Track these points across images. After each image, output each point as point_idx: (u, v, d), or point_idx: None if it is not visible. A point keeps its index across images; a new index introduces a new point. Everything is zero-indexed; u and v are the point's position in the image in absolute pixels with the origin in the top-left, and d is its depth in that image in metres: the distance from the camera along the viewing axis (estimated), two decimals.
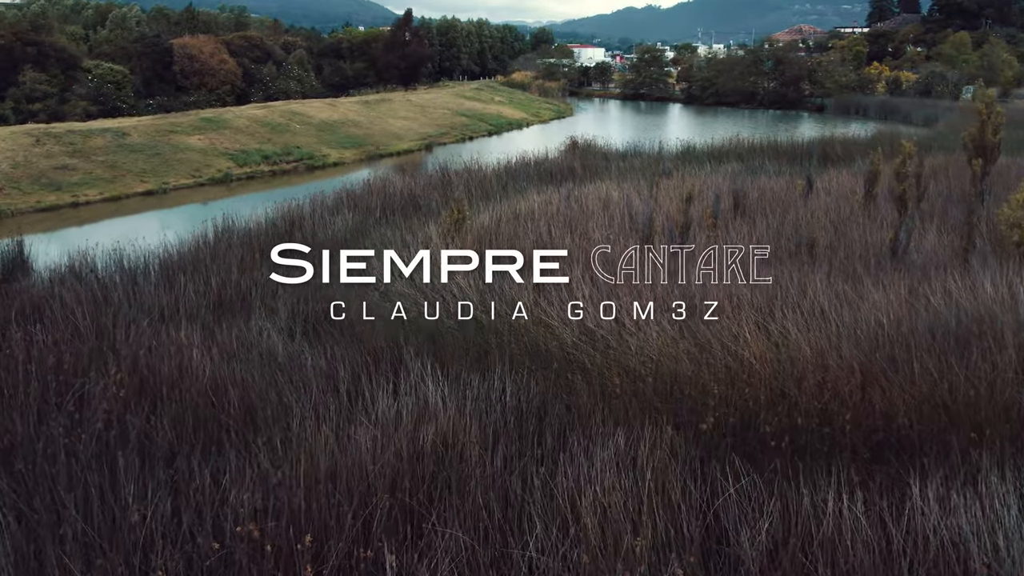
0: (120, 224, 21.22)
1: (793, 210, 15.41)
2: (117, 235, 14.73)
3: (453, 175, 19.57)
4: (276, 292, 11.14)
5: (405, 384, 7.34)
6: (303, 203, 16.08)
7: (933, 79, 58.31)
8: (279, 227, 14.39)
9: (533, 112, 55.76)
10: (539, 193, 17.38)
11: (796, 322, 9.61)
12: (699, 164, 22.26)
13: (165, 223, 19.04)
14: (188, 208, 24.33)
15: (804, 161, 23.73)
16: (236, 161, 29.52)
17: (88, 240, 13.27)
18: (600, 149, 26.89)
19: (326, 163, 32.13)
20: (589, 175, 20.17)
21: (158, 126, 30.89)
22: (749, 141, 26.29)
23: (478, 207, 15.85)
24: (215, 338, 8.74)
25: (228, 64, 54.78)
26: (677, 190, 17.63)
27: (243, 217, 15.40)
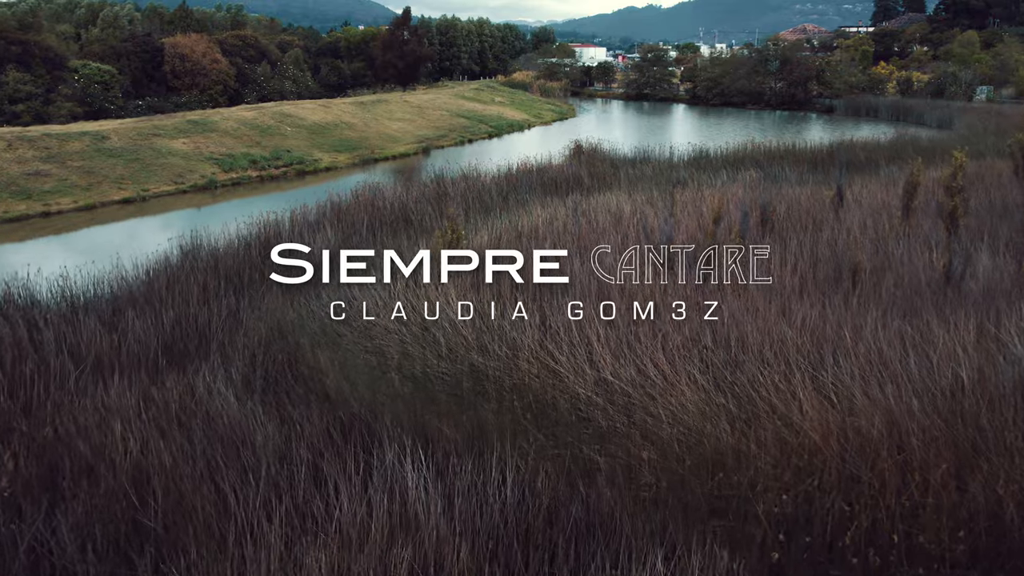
0: (89, 236, 19.70)
1: (827, 227, 13.83)
2: (83, 248, 13.24)
3: (449, 184, 18.01)
4: (238, 328, 9.59)
5: (378, 472, 5.78)
6: (282, 217, 14.52)
7: (945, 79, 56.70)
8: (252, 246, 12.83)
9: (535, 113, 54.19)
10: (543, 206, 15.82)
11: (853, 373, 8.02)
12: (714, 172, 20.70)
13: (136, 236, 17.50)
14: (166, 218, 22.80)
15: (828, 168, 22.19)
16: (222, 166, 27.96)
17: (49, 255, 11.75)
18: (607, 154, 25.32)
19: (317, 168, 30.56)
20: (597, 184, 18.62)
21: (140, 129, 29.34)
22: (766, 146, 24.72)
23: (476, 222, 14.30)
24: (153, 398, 7.19)
25: (220, 64, 53.21)
26: (694, 202, 16.08)
27: (213, 234, 13.84)
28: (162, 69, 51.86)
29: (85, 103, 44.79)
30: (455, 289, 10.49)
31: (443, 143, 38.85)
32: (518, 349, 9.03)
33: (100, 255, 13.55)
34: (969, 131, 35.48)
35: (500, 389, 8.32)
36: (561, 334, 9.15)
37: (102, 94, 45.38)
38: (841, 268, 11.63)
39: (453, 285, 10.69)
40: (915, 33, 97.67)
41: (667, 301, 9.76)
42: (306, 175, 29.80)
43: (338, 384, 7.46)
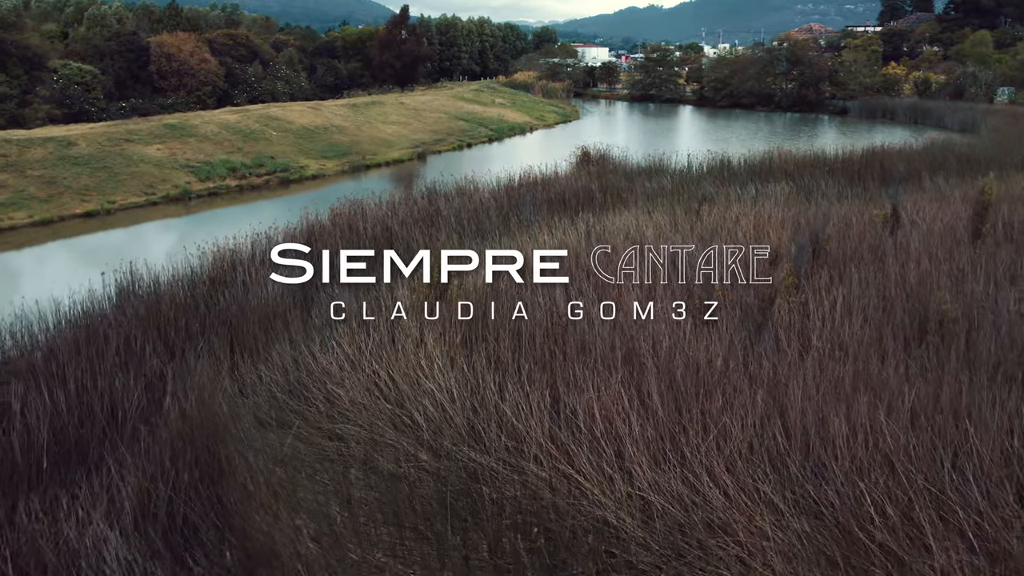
0: (19, 261, 17.49)
1: (891, 258, 11.58)
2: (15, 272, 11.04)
3: (442, 201, 15.76)
4: (158, 411, 7.37)
5: None
6: (242, 245, 12.28)
7: (965, 80, 54.40)
8: (198, 285, 10.60)
9: (537, 116, 51.93)
10: (550, 229, 13.58)
11: (986, 489, 5.83)
12: (740, 184, 18.45)
13: (79, 260, 15.28)
14: (125, 235, 20.60)
15: (865, 180, 19.95)
16: (198, 175, 25.73)
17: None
18: (618, 163, 23.08)
19: (303, 176, 28.31)
20: (611, 200, 16.37)
21: (111, 134, 27.11)
22: (794, 154, 22.46)
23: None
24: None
25: (209, 64, 50.99)
26: (726, 224, 13.84)
27: (158, 265, 11.61)
28: (148, 69, 49.65)
29: (64, 105, 42.58)
30: (441, 347, 8.26)
31: (440, 148, 36.59)
32: (522, 440, 6.82)
33: (20, 289, 11.33)
34: (1000, 136, 33.20)
35: (499, 507, 6.10)
36: (579, 419, 6.94)
37: (82, 95, 43.15)
38: (918, 314, 9.37)
39: (440, 341, 8.47)
40: (924, 33, 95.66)
41: (716, 370, 7.56)
42: (290, 184, 27.56)
43: (269, 520, 5.23)
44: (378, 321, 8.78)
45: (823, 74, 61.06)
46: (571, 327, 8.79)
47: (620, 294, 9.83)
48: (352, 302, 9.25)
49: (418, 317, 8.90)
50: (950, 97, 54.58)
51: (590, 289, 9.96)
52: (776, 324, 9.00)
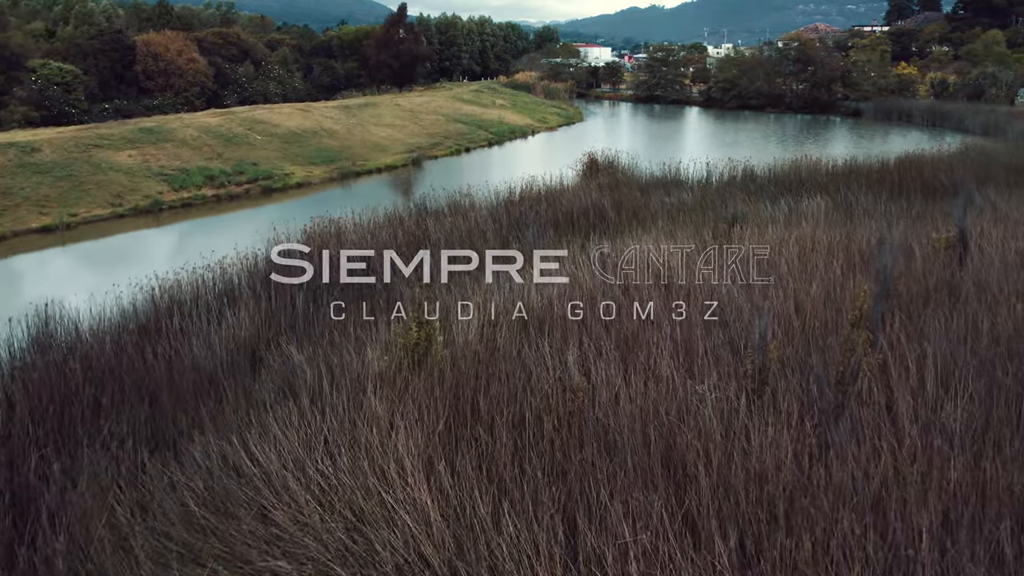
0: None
1: (970, 299, 9.51)
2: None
3: (431, 221, 13.71)
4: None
5: None
6: (187, 280, 10.22)
7: (984, 81, 52.31)
8: (127, 341, 8.53)
9: (539, 118, 49.85)
10: (556, 257, 11.53)
11: None
12: (770, 199, 16.40)
13: (11, 285, 13.26)
14: (77, 254, 18.54)
15: (908, 192, 17.87)
16: (171, 184, 23.69)
17: None
18: (630, 173, 21.04)
19: (287, 184, 26.26)
20: (625, 218, 14.32)
21: (80, 139, 25.08)
22: (825, 163, 20.40)
23: (462, 289, 10.02)
24: None
25: (198, 63, 48.96)
26: (763, 251, 11.78)
27: (88, 301, 9.57)
28: (133, 69, 47.61)
29: (43, 107, 40.55)
30: (415, 440, 6.23)
31: (437, 152, 34.52)
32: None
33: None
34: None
35: None
36: (606, 566, 4.90)
37: (62, 96, 41.12)
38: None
39: (418, 426, 6.44)
40: (934, 33, 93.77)
41: (786, 477, 5.54)
42: (273, 192, 25.51)
43: None
44: (340, 398, 6.73)
45: (835, 75, 58.98)
46: (588, 402, 6.75)
47: (649, 353, 7.79)
48: (307, 369, 7.22)
49: (392, 389, 6.85)
50: (968, 98, 52.49)
51: (610, 345, 7.91)
52: (851, 398, 6.94)
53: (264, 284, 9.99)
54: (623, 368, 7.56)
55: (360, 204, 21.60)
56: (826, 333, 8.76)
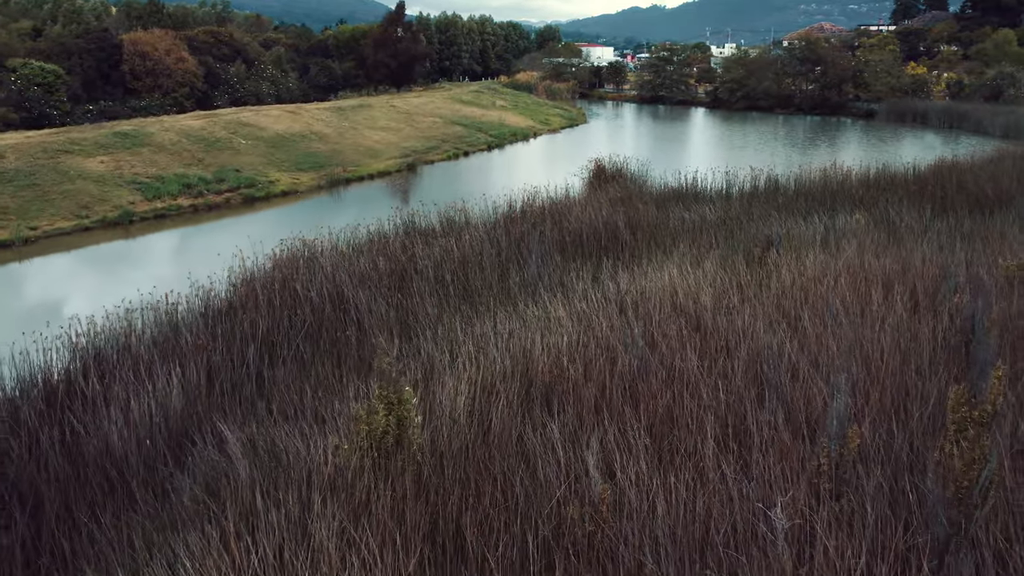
0: None
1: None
2: None
3: (420, 245, 11.91)
4: None
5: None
6: (114, 324, 8.43)
7: (1003, 81, 50.48)
8: (20, 408, 6.76)
9: (541, 119, 48.04)
10: (565, 290, 9.76)
11: None
12: (801, 214, 14.62)
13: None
14: (22, 274, 16.77)
15: (954, 205, 16.06)
16: (145, 193, 21.93)
17: None
18: (640, 182, 19.26)
19: (271, 192, 24.47)
20: (642, 238, 12.53)
21: (49, 144, 23.33)
22: (856, 172, 18.59)
23: (448, 337, 8.24)
24: None
25: (187, 63, 47.20)
26: (806, 281, 10.00)
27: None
28: (120, 69, 45.83)
29: (23, 108, 38.78)
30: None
31: (433, 157, 32.72)
32: None
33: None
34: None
35: None
36: None
37: (43, 97, 39.36)
38: None
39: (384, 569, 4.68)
40: (942, 32, 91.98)
41: None
42: (255, 201, 23.73)
43: None
44: (279, 514, 4.97)
45: (846, 75, 57.15)
46: (613, 515, 5.02)
47: (688, 435, 6.03)
48: (241, 466, 5.45)
49: (349, 502, 5.10)
50: (985, 100, 50.62)
51: (638, 424, 6.15)
52: (976, 524, 5.16)
53: (213, 327, 8.22)
54: (657, 458, 5.80)
55: (346, 216, 19.85)
56: (906, 399, 6.99)
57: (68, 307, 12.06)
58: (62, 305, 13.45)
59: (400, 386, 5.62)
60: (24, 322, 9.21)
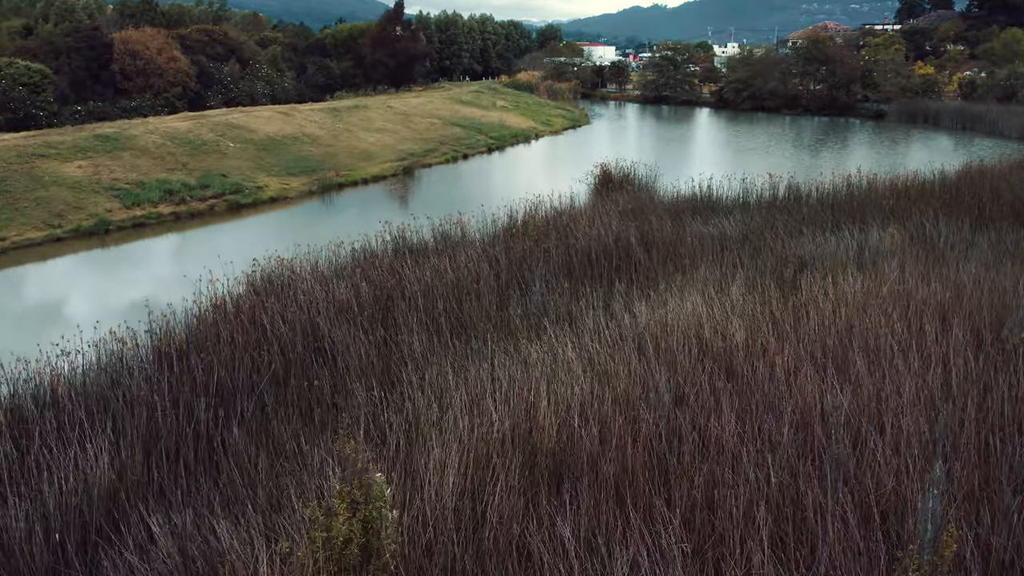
0: None
1: None
2: None
3: (410, 263, 10.65)
4: None
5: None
6: (43, 371, 7.18)
7: (1016, 81, 49.18)
8: None
9: (543, 120, 46.77)
10: (573, 324, 8.51)
11: None
12: (829, 228, 13.36)
13: None
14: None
15: (992, 216, 14.82)
16: (124, 200, 20.69)
17: None
18: (651, 190, 17.99)
19: (259, 198, 23.23)
20: (657, 257, 11.29)
21: (24, 148, 22.10)
22: (883, 180, 17.32)
23: (438, 382, 7.00)
24: None
25: (179, 62, 45.94)
26: (848, 311, 8.74)
27: None
28: (110, 68, 44.54)
29: (8, 109, 37.51)
30: None
31: (430, 160, 31.46)
32: None
33: None
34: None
35: None
36: None
37: (29, 98, 38.09)
38: None
39: None
40: (948, 31, 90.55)
41: None
42: (242, 208, 22.50)
43: None
44: None
45: (855, 75, 55.82)
46: None
47: (735, 538, 4.78)
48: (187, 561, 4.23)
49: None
50: (998, 100, 49.30)
51: (673, 518, 4.90)
52: None
53: (160, 375, 6.98)
54: (699, 569, 4.55)
55: (334, 225, 18.57)
56: (990, 477, 5.76)
57: (23, 338, 10.79)
58: (21, 336, 12.17)
59: (368, 479, 4.37)
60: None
